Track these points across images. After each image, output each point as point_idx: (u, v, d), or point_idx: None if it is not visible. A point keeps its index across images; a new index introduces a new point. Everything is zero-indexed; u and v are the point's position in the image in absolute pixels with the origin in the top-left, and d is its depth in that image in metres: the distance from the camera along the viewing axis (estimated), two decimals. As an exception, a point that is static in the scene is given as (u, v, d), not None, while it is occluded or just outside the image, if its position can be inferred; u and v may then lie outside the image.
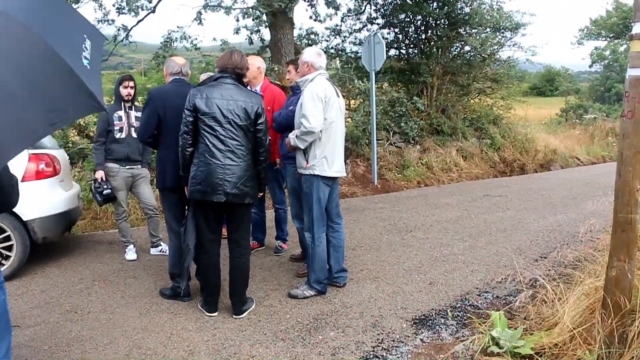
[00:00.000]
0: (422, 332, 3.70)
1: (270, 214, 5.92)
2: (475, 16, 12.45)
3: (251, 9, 10.18)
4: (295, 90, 4.71)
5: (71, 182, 5.83)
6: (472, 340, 3.39)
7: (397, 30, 13.76)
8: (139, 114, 5.01)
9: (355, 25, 13.89)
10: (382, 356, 3.35)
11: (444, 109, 13.07)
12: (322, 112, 4.07)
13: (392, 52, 13.68)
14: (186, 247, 3.94)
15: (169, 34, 10.76)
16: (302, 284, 4.46)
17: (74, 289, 4.56)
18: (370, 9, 13.59)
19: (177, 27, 10.81)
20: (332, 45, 13.86)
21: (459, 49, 13.81)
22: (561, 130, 18.15)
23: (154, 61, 10.79)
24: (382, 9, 13.57)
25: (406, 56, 13.79)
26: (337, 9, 11.95)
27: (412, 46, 13.90)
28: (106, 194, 5.18)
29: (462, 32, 13.04)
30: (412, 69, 13.06)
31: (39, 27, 2.13)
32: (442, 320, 3.90)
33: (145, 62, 31.27)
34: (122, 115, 5.21)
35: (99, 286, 4.63)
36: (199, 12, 10.41)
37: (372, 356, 3.35)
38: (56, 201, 5.09)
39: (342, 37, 13.88)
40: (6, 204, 2.54)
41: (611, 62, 31.24)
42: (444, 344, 3.54)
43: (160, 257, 5.39)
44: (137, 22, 10.71)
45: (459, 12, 12.80)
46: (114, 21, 10.73)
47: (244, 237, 3.99)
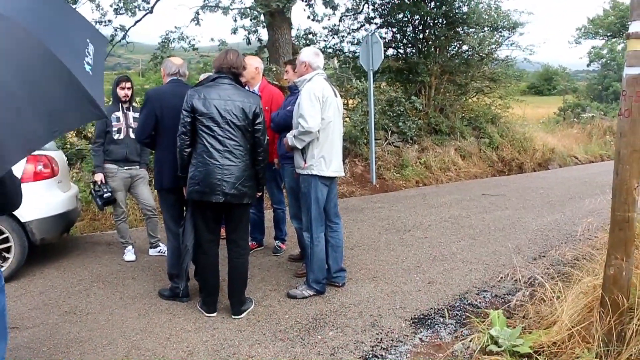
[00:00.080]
0: (421, 332, 3.71)
1: (268, 214, 5.92)
2: (473, 15, 12.46)
3: (249, 9, 10.17)
4: (293, 90, 4.71)
5: (69, 183, 5.83)
6: (471, 339, 3.39)
7: (395, 29, 13.76)
8: (137, 115, 5.00)
9: (353, 25, 13.90)
10: (381, 355, 3.35)
11: (442, 109, 13.07)
12: (320, 112, 4.07)
13: (390, 51, 13.68)
14: (184, 247, 3.94)
15: (166, 34, 10.74)
16: (300, 284, 4.47)
17: (73, 290, 4.55)
18: (368, 8, 13.59)
19: (175, 27, 10.79)
20: (330, 45, 13.87)
21: (457, 48, 13.81)
22: (559, 129, 18.16)
23: (152, 62, 10.77)
24: (379, 9, 13.57)
25: (404, 56, 13.78)
26: (334, 9, 11.94)
27: (410, 46, 13.89)
28: (106, 197, 5.17)
29: (460, 32, 13.05)
30: (410, 69, 13.05)
31: (40, 31, 2.10)
32: (441, 319, 3.90)
33: (143, 62, 31.26)
34: (120, 116, 5.21)
35: (98, 287, 4.63)
36: (197, 13, 10.39)
37: (371, 356, 3.35)
38: (54, 202, 5.09)
39: (340, 37, 13.89)
40: (10, 206, 2.55)
41: (609, 61, 31.25)
42: (442, 343, 3.54)
43: (159, 258, 5.38)
44: (135, 23, 10.69)
45: (457, 11, 12.80)
46: (110, 21, 10.71)
47: (242, 238, 3.99)
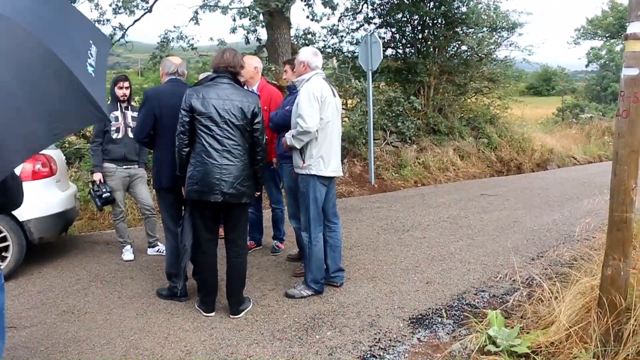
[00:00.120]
0: (419, 332, 3.71)
1: (267, 214, 5.92)
2: (472, 16, 12.45)
3: (248, 9, 10.17)
4: (291, 90, 4.71)
5: (68, 182, 5.82)
6: (469, 339, 3.40)
7: (394, 29, 13.75)
8: (136, 114, 4.99)
9: (352, 24, 13.90)
10: (379, 355, 3.36)
11: (441, 109, 13.07)
12: (319, 112, 4.07)
13: (389, 51, 13.66)
14: (183, 247, 3.94)
15: (165, 34, 10.74)
16: (299, 283, 4.47)
17: (71, 290, 4.55)
18: (367, 8, 13.58)
19: (174, 27, 10.79)
20: (329, 44, 13.86)
21: (456, 48, 13.81)
22: (558, 129, 18.16)
23: (151, 61, 10.76)
24: (379, 9, 13.57)
25: (403, 56, 13.78)
26: (334, 9, 11.95)
27: (409, 46, 13.88)
28: (105, 197, 5.16)
29: (459, 32, 13.04)
30: (409, 69, 13.05)
31: (41, 31, 2.06)
32: (439, 319, 3.91)
33: (142, 61, 31.21)
34: (119, 115, 5.21)
35: (96, 287, 4.63)
36: (196, 12, 10.39)
37: (369, 355, 3.35)
38: (52, 201, 5.08)
39: (339, 36, 13.88)
40: (12, 205, 2.56)
41: (607, 62, 31.26)
42: (440, 343, 3.55)
43: (157, 258, 5.38)
44: (134, 22, 10.69)
45: (456, 11, 12.79)
46: (109, 20, 10.70)
47: (241, 237, 3.99)
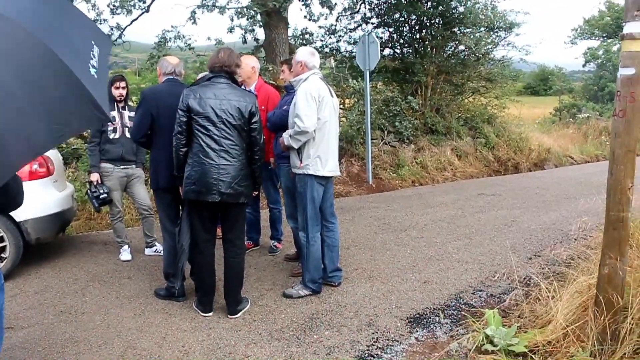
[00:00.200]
0: (417, 331, 3.71)
1: (264, 214, 5.91)
2: (469, 15, 12.46)
3: (245, 9, 10.17)
4: (289, 89, 4.71)
5: (65, 182, 5.81)
6: (467, 338, 3.40)
7: (391, 29, 13.76)
8: (133, 114, 4.99)
9: (349, 24, 13.91)
10: (377, 355, 3.36)
11: (439, 109, 13.07)
12: (316, 112, 4.08)
13: (387, 51, 13.66)
14: (180, 247, 3.94)
15: (163, 33, 10.74)
16: (296, 283, 4.47)
17: (68, 290, 4.54)
18: (364, 8, 13.59)
19: (171, 26, 10.81)
20: (327, 44, 13.86)
21: (454, 48, 13.81)
22: (555, 129, 18.17)
23: (149, 61, 10.76)
24: (376, 9, 13.57)
25: (400, 56, 13.78)
26: (331, 9, 11.96)
27: (406, 46, 13.88)
28: (102, 198, 5.15)
29: (457, 32, 13.03)
30: (406, 69, 13.05)
31: (42, 32, 2.04)
32: (437, 318, 3.91)
33: (139, 61, 31.14)
34: (116, 115, 5.20)
35: (94, 287, 4.62)
36: (193, 12, 10.39)
37: (367, 355, 3.36)
38: (50, 202, 5.07)
39: (337, 36, 13.88)
40: (13, 205, 2.56)
41: (604, 62, 31.33)
42: (438, 342, 3.55)
43: (154, 258, 5.38)
44: (131, 22, 10.69)
45: (454, 11, 12.79)
46: (106, 20, 10.69)
47: (238, 237, 3.99)
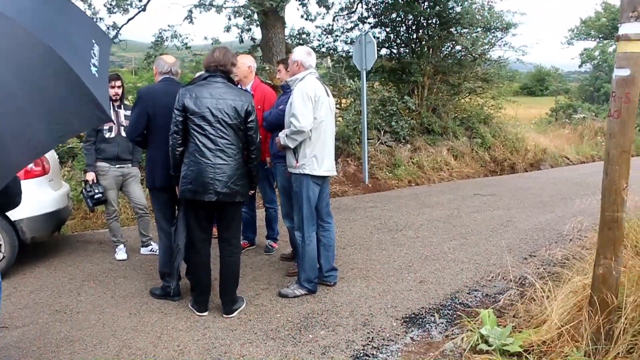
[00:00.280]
0: (412, 331, 3.72)
1: (260, 213, 5.92)
2: (466, 16, 12.47)
3: (242, 8, 10.14)
4: (285, 89, 4.71)
5: (60, 181, 5.79)
6: (462, 338, 3.41)
7: (388, 29, 13.76)
8: (128, 113, 4.98)
9: (346, 24, 13.90)
10: (373, 354, 3.36)
11: (435, 108, 13.09)
12: (312, 112, 4.08)
13: (384, 51, 13.67)
14: (176, 246, 3.93)
15: (159, 33, 10.70)
16: (292, 283, 4.47)
17: (64, 289, 4.53)
18: (361, 8, 13.59)
19: (168, 25, 10.75)
20: (324, 44, 13.85)
21: (450, 48, 13.82)
22: (551, 129, 18.22)
23: (146, 61, 10.72)
24: (373, 8, 13.58)
25: (397, 55, 13.78)
26: (328, 8, 11.94)
27: (403, 45, 13.90)
28: (97, 198, 5.14)
29: (453, 32, 13.05)
30: (403, 69, 13.06)
31: (43, 32, 2.02)
32: (432, 318, 3.92)
33: (136, 60, 31.11)
34: (111, 114, 5.19)
35: (89, 286, 4.61)
36: (190, 11, 10.36)
37: (362, 355, 3.36)
38: (45, 201, 5.06)
39: (334, 36, 13.88)
40: (12, 205, 2.57)
41: (600, 63, 31.42)
42: (433, 342, 3.56)
43: (150, 257, 5.37)
44: (128, 21, 10.63)
45: (450, 11, 12.80)
46: (102, 19, 10.65)
47: (234, 236, 3.99)
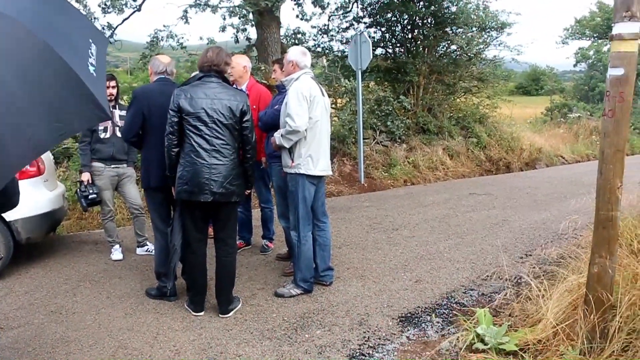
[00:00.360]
0: (408, 330, 3.73)
1: (256, 213, 5.91)
2: (461, 15, 12.49)
3: (237, 8, 10.13)
4: (280, 89, 4.71)
5: (56, 182, 5.77)
6: (458, 337, 3.42)
7: (383, 29, 13.77)
8: (123, 113, 4.97)
9: (342, 24, 13.91)
10: (369, 354, 3.37)
11: (430, 108, 13.11)
12: (307, 111, 4.08)
13: (379, 51, 13.67)
14: (172, 247, 3.93)
15: (155, 33, 10.69)
16: (288, 282, 4.47)
17: (59, 290, 4.52)
18: (357, 7, 13.59)
19: (164, 26, 10.75)
20: (319, 43, 13.86)
21: (445, 48, 13.84)
22: (546, 129, 18.28)
23: (141, 61, 10.70)
24: (368, 8, 13.59)
25: (393, 55, 13.80)
26: (323, 8, 11.94)
27: (398, 45, 13.91)
28: (91, 198, 5.12)
29: (449, 32, 13.06)
30: (398, 68, 13.07)
31: (43, 32, 2.02)
32: (428, 317, 3.93)
33: (131, 60, 30.99)
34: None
35: (85, 287, 4.60)
36: (185, 11, 10.35)
37: (358, 354, 3.36)
38: (40, 201, 5.04)
39: (330, 36, 13.88)
40: (10, 205, 2.56)
41: (595, 62, 31.52)
42: (429, 341, 3.56)
43: (146, 257, 5.36)
44: (123, 21, 10.62)
45: (446, 11, 12.82)
46: (97, 19, 10.61)
47: (230, 236, 3.99)
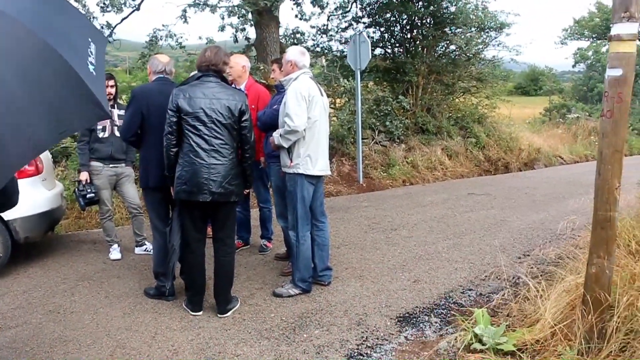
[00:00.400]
0: (406, 330, 3.73)
1: (255, 213, 5.91)
2: (460, 15, 12.50)
3: (237, 7, 10.12)
4: (279, 89, 4.71)
5: (54, 181, 5.77)
6: (456, 337, 3.42)
7: (382, 29, 13.77)
8: (122, 112, 4.97)
9: (341, 24, 13.91)
10: (367, 354, 3.37)
11: (429, 108, 13.12)
12: (306, 111, 4.08)
13: (378, 51, 13.67)
14: (171, 247, 3.93)
15: (154, 32, 10.68)
16: (286, 282, 4.47)
17: (57, 289, 4.52)
18: (356, 7, 13.60)
19: (162, 25, 10.74)
20: (318, 43, 13.85)
21: (444, 48, 13.85)
22: (545, 129, 18.30)
23: (140, 61, 10.68)
24: (367, 8, 13.59)
25: (392, 55, 13.80)
26: (322, 8, 11.94)
27: (397, 45, 13.91)
28: (89, 197, 5.12)
29: (448, 32, 13.07)
30: (397, 68, 13.07)
31: (43, 31, 2.02)
32: (426, 317, 3.93)
33: (130, 60, 30.95)
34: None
35: (83, 286, 4.59)
36: (184, 10, 10.34)
37: (356, 354, 3.36)
38: (38, 200, 5.04)
39: (329, 36, 13.88)
40: (9, 205, 2.56)
41: (594, 62, 31.55)
42: (427, 341, 3.57)
43: (144, 257, 5.35)
44: (122, 20, 10.61)
45: (445, 11, 12.83)
46: (96, 18, 10.60)
47: (229, 236, 3.99)
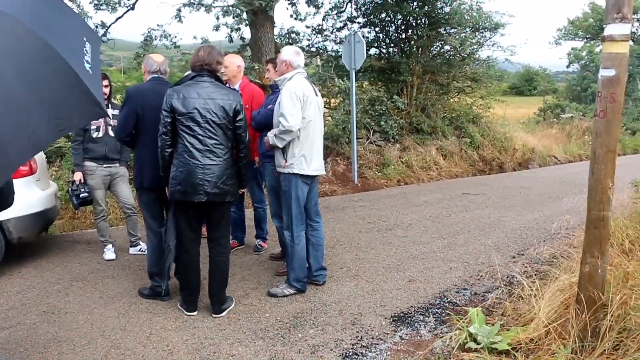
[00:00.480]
0: (401, 329, 3.74)
1: (249, 213, 5.91)
2: (455, 16, 12.53)
3: (231, 7, 10.11)
4: (274, 89, 4.71)
5: (48, 181, 5.75)
6: (450, 336, 3.43)
7: (377, 29, 13.78)
8: (116, 112, 4.94)
9: (336, 24, 13.91)
10: (362, 353, 3.37)
11: (424, 108, 13.14)
12: (300, 111, 4.08)
13: (373, 51, 13.68)
14: (167, 247, 3.92)
15: (148, 32, 10.65)
16: (281, 282, 4.47)
17: (51, 290, 4.50)
18: (351, 7, 13.60)
19: (157, 25, 10.71)
20: (313, 43, 13.85)
21: (439, 48, 13.88)
22: (539, 129, 18.38)
23: (135, 60, 10.65)
24: (362, 8, 13.60)
25: (386, 55, 13.81)
26: (317, 8, 11.93)
27: (392, 45, 13.93)
28: (83, 197, 5.11)
29: (442, 32, 13.10)
30: (392, 68, 13.09)
31: (42, 30, 2.05)
32: (421, 317, 3.94)
33: (124, 59, 30.90)
34: (101, 112, 5.14)
35: (77, 286, 4.58)
36: (179, 10, 10.31)
37: (351, 353, 3.37)
38: (32, 200, 5.02)
39: (324, 36, 13.87)
40: (4, 205, 2.56)
41: (588, 63, 31.72)
42: (422, 340, 3.58)
43: (139, 257, 5.34)
44: (116, 19, 10.58)
45: (439, 11, 12.86)
46: (91, 17, 10.56)
47: (223, 236, 3.98)
